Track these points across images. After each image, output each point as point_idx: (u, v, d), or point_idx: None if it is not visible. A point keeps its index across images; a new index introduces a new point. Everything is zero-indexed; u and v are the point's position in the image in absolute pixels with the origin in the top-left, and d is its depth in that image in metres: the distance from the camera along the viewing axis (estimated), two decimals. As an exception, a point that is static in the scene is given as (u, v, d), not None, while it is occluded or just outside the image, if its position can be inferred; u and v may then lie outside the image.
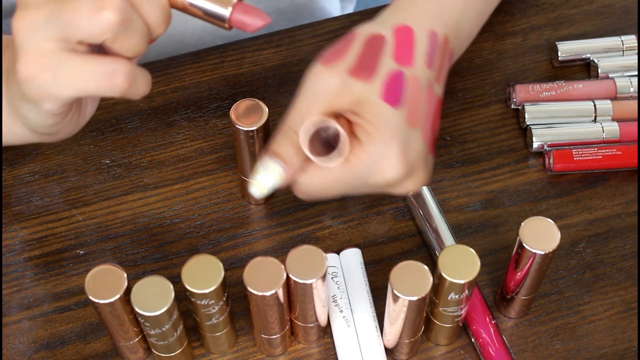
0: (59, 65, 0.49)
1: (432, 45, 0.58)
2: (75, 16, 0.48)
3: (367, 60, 0.56)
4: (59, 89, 0.50)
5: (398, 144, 0.55)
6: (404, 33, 0.57)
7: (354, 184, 0.56)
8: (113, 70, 0.50)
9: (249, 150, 0.61)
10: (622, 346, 0.61)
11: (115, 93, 0.51)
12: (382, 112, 0.54)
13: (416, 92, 0.56)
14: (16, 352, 0.61)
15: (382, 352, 0.60)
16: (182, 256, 0.65)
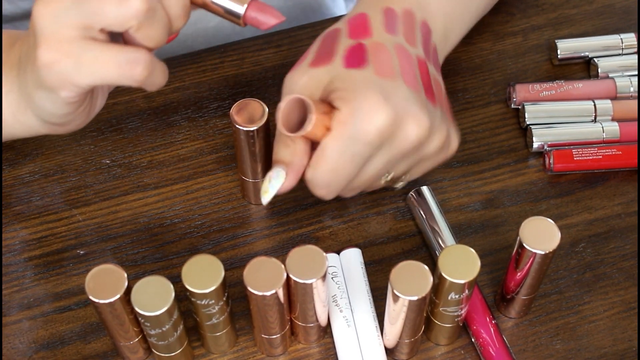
0: (81, 52, 0.50)
1: (389, 17, 0.59)
2: (102, 3, 0.49)
3: (325, 49, 0.57)
4: (79, 76, 0.51)
5: (374, 91, 0.54)
6: (357, 19, 0.59)
7: (354, 149, 0.55)
8: (134, 59, 0.51)
9: (250, 150, 0.61)
10: (622, 346, 0.61)
11: (134, 82, 0.52)
12: (349, 76, 0.55)
13: (381, 52, 0.57)
14: (16, 352, 0.61)
15: (382, 352, 0.60)
16: (182, 256, 0.65)
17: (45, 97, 0.53)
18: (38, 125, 0.57)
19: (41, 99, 0.54)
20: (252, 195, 0.66)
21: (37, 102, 0.54)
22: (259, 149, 0.61)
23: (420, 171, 0.61)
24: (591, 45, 0.73)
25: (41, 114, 0.55)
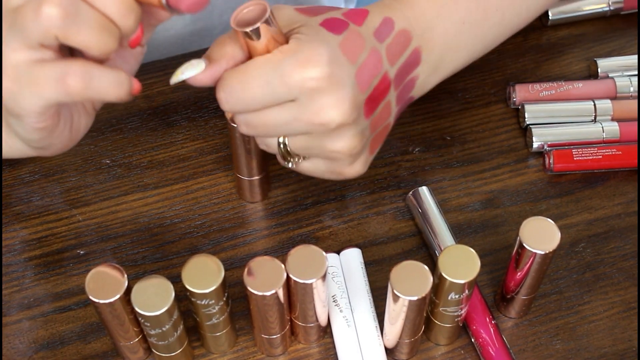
0: (23, 76, 0.49)
1: (385, 26, 0.57)
2: (23, 19, 0.47)
3: (318, 9, 0.56)
4: (27, 101, 0.49)
5: (325, 50, 0.52)
6: (357, 10, 0.57)
7: (274, 81, 0.52)
8: (63, 72, 0.48)
9: (244, 148, 0.61)
10: (622, 346, 0.61)
11: (72, 96, 0.49)
12: (316, 30, 0.53)
13: (357, 39, 0.55)
14: (16, 352, 0.61)
15: (382, 352, 0.60)
16: (182, 256, 0.65)
17: (16, 124, 0.52)
18: (25, 149, 0.56)
19: (14, 125, 0.53)
20: (248, 194, 0.66)
21: (13, 127, 0.53)
22: (253, 147, 0.61)
23: (315, 166, 0.58)
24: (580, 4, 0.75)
25: (20, 138, 0.54)
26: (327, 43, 0.53)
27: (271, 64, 0.52)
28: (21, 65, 0.49)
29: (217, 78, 0.54)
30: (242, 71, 0.53)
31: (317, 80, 0.52)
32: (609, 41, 0.75)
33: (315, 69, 0.51)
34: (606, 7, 0.75)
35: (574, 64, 0.74)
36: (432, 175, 0.68)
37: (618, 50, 0.75)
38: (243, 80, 0.53)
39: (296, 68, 0.51)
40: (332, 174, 0.58)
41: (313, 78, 0.51)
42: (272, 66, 0.52)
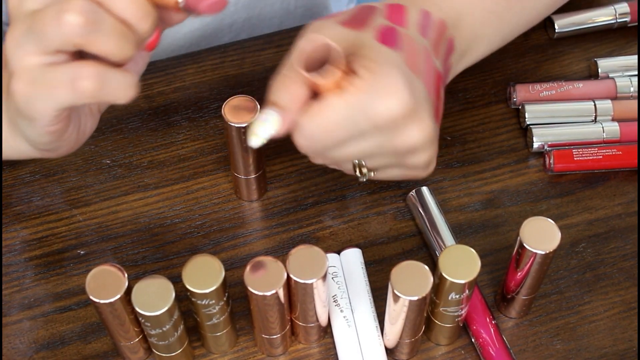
0: (37, 79, 0.49)
1: (425, 19, 0.57)
2: (43, 25, 0.47)
3: (359, 17, 0.55)
4: (41, 104, 0.50)
5: (401, 74, 0.52)
6: (395, 6, 0.57)
7: (357, 119, 0.52)
8: (76, 75, 0.49)
9: (241, 147, 0.61)
10: (622, 346, 0.61)
11: (85, 98, 0.49)
12: (380, 50, 0.53)
13: (412, 46, 0.55)
14: (17, 352, 0.61)
15: (383, 352, 0.60)
16: (182, 256, 0.65)
17: (27, 126, 0.52)
18: (30, 151, 0.56)
19: (24, 127, 0.53)
20: (245, 193, 0.66)
21: (21, 129, 0.53)
22: None
23: (389, 175, 0.59)
24: (587, 17, 0.75)
25: (28, 140, 0.54)
26: (397, 66, 0.52)
27: (351, 104, 0.52)
28: (35, 69, 0.49)
29: (292, 126, 0.53)
30: (321, 116, 0.52)
31: (401, 109, 0.52)
32: (609, 41, 0.75)
33: (397, 100, 0.52)
34: (613, 20, 0.75)
35: (574, 64, 0.74)
36: (433, 175, 0.68)
37: (618, 50, 0.75)
38: (324, 125, 0.53)
39: (379, 103, 0.52)
40: (406, 177, 0.59)
41: (397, 108, 0.52)
42: (353, 106, 0.52)
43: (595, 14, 0.75)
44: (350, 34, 0.54)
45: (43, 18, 0.47)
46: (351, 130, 0.53)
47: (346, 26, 0.54)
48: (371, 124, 0.53)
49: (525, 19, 0.65)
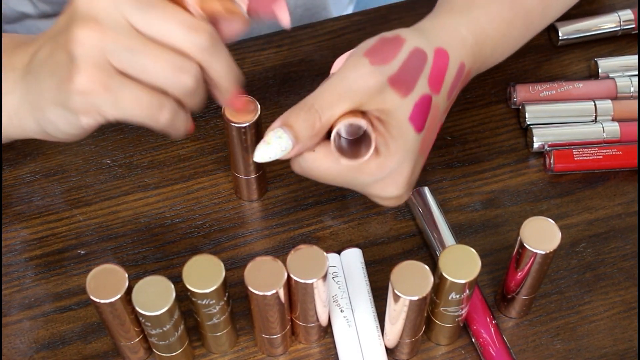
0: (119, 88, 0.50)
1: (458, 78, 0.59)
2: (156, 65, 0.49)
3: (408, 75, 0.56)
4: (111, 111, 0.51)
5: (410, 167, 0.57)
6: (441, 57, 0.58)
7: (352, 183, 0.57)
8: (162, 104, 0.51)
9: (242, 146, 0.61)
10: (622, 346, 0.61)
11: (157, 125, 0.52)
12: (406, 133, 0.56)
13: (434, 120, 0.58)
14: (17, 352, 0.61)
15: (383, 352, 0.60)
16: (183, 256, 0.65)
17: (62, 116, 0.53)
18: (35, 133, 0.56)
19: (56, 117, 0.53)
20: (245, 193, 0.66)
21: (49, 117, 0.53)
22: (250, 145, 0.61)
23: None
24: (590, 24, 0.74)
25: (47, 126, 0.54)
26: (411, 159, 0.57)
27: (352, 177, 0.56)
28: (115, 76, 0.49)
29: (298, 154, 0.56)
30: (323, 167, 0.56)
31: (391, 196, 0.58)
32: (610, 41, 0.75)
33: (394, 190, 0.57)
34: (617, 27, 0.74)
35: (574, 64, 0.74)
36: (433, 175, 0.68)
37: (619, 50, 0.75)
38: (321, 174, 0.57)
39: (377, 188, 0.57)
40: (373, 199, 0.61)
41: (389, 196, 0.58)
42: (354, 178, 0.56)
43: (599, 22, 0.74)
44: (392, 97, 0.55)
45: (160, 60, 0.49)
46: (340, 184, 0.58)
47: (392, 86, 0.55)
48: (359, 189, 0.58)
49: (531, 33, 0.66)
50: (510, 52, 0.65)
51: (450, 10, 0.60)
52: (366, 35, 0.75)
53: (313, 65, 0.74)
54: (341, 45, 0.75)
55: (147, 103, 0.50)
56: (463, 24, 0.60)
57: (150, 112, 0.51)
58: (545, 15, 0.65)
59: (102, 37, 0.49)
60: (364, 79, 0.54)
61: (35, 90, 0.53)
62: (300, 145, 0.55)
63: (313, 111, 0.54)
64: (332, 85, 0.55)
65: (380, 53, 0.55)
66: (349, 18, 0.77)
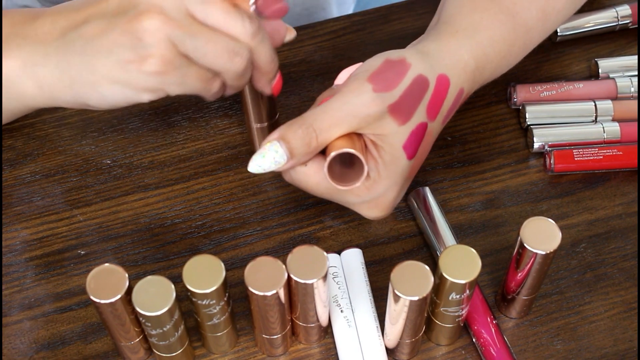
0: (186, 68, 0.54)
1: (455, 104, 0.61)
2: (216, 51, 0.54)
3: (408, 103, 0.57)
4: (177, 88, 0.55)
5: (396, 191, 0.59)
6: (442, 84, 0.59)
7: (339, 200, 0.59)
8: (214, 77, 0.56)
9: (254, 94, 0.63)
10: (622, 346, 0.61)
11: (210, 96, 0.57)
12: (398, 160, 0.57)
13: (426, 146, 0.60)
14: (17, 352, 0.61)
15: (383, 352, 0.60)
16: (183, 256, 0.65)
17: (119, 93, 0.55)
18: (68, 103, 0.58)
19: (111, 93, 0.55)
20: (258, 143, 0.67)
21: (103, 92, 0.55)
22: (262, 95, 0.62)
23: None
24: (588, 20, 0.74)
25: (92, 99, 0.56)
26: (399, 184, 0.59)
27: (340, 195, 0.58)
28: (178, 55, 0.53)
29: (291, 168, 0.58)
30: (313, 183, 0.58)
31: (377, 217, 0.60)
32: (610, 42, 0.75)
33: (378, 213, 0.60)
34: (615, 22, 0.75)
35: (574, 64, 0.74)
36: (433, 175, 0.68)
37: (619, 50, 0.75)
38: (310, 188, 0.58)
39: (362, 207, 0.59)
40: None
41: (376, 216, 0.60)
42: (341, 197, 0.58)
43: (597, 17, 0.75)
44: (390, 125, 0.56)
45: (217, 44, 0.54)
46: (327, 198, 0.59)
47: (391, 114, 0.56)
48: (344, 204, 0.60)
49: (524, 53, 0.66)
50: (508, 68, 0.65)
51: (455, 32, 0.61)
52: (366, 35, 0.76)
53: (313, 65, 0.74)
54: (341, 45, 0.75)
55: (204, 78, 0.55)
56: (467, 48, 0.60)
57: (204, 84, 0.55)
58: (544, 30, 0.65)
59: (169, 26, 0.53)
60: (366, 106, 0.56)
61: (81, 66, 0.55)
62: (294, 161, 0.56)
63: (311, 130, 0.56)
64: (333, 109, 0.56)
65: (384, 80, 0.56)
66: (349, 18, 0.77)
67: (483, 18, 0.61)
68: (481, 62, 0.61)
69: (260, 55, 0.56)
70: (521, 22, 0.63)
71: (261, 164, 0.56)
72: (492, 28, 0.61)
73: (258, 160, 0.56)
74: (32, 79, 0.56)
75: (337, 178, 0.57)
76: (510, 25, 0.62)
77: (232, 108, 0.72)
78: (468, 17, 0.61)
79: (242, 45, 0.55)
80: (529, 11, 0.63)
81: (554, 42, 0.75)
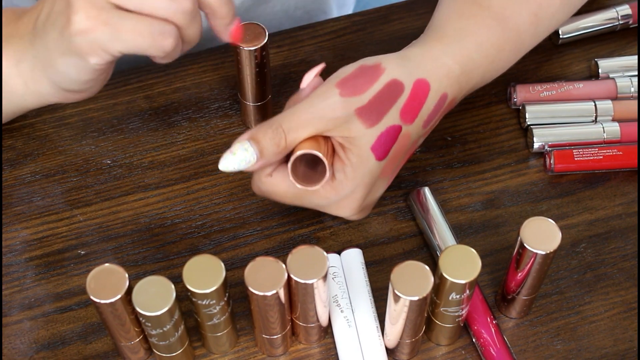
0: (117, 21, 0.51)
1: (437, 108, 0.60)
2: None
3: (378, 107, 0.57)
4: (114, 44, 0.52)
5: (363, 191, 0.59)
6: (421, 88, 0.59)
7: (308, 204, 0.60)
8: (166, 32, 0.53)
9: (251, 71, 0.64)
10: (622, 346, 0.61)
11: (161, 53, 0.54)
12: (366, 161, 0.57)
13: (402, 148, 0.59)
14: (17, 352, 0.61)
15: (383, 352, 0.60)
16: (183, 256, 0.65)
17: (72, 64, 0.54)
18: (52, 94, 0.58)
19: (66, 66, 0.55)
20: (253, 120, 0.69)
21: (60, 68, 0.55)
22: (259, 69, 0.64)
23: None
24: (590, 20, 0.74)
25: (61, 81, 0.56)
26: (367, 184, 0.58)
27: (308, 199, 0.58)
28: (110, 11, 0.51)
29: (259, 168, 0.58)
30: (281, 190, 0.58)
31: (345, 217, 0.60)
32: (610, 42, 0.75)
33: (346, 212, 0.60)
34: (616, 22, 0.74)
35: (574, 64, 0.74)
36: (433, 175, 0.68)
37: (619, 50, 0.75)
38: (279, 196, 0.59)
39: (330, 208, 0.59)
40: None
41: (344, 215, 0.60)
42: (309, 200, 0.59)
43: (598, 18, 0.74)
44: (357, 127, 0.57)
45: None
46: (296, 204, 0.60)
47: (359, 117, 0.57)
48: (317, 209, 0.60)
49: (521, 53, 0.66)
50: (501, 72, 0.65)
51: (440, 39, 0.61)
52: (366, 35, 0.76)
53: (313, 65, 0.74)
54: (341, 46, 0.75)
55: (147, 31, 0.52)
56: (451, 54, 0.60)
57: (152, 40, 0.52)
58: (536, 34, 0.65)
59: None
60: (332, 109, 0.57)
61: (43, 47, 0.55)
62: (263, 161, 0.57)
63: (280, 131, 0.56)
64: (301, 110, 0.57)
65: (353, 85, 0.57)
66: (349, 18, 0.77)
67: (470, 24, 0.62)
68: (467, 67, 0.61)
69: None
70: (512, 26, 0.63)
71: (231, 161, 0.56)
72: (480, 33, 0.62)
73: (229, 158, 0.56)
74: (18, 76, 0.57)
75: (303, 180, 0.57)
76: (500, 30, 0.62)
77: (232, 108, 0.72)
78: (455, 23, 0.62)
79: None
80: (520, 15, 0.63)
81: (556, 44, 0.75)
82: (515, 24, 0.63)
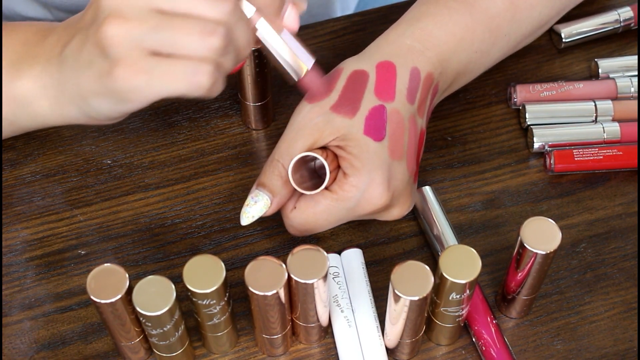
0: (153, 68, 0.51)
1: (414, 81, 0.61)
2: (185, 35, 0.51)
3: (350, 96, 0.59)
4: (153, 91, 0.52)
5: (382, 174, 0.58)
6: (385, 69, 0.60)
7: (344, 215, 0.59)
8: (197, 71, 0.52)
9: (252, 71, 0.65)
10: (623, 346, 0.61)
11: (200, 92, 0.53)
12: (365, 146, 0.58)
13: (398, 125, 0.59)
14: (17, 352, 0.61)
15: (384, 352, 0.60)
16: (183, 256, 0.65)
17: (107, 104, 0.54)
18: (79, 119, 0.58)
19: (99, 104, 0.55)
20: (253, 120, 0.70)
21: (93, 105, 0.55)
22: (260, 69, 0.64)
23: None
24: (591, 23, 0.74)
25: (91, 112, 0.56)
26: (379, 165, 0.58)
27: (339, 206, 0.59)
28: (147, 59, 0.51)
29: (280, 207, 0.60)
30: (312, 214, 0.59)
31: (382, 204, 0.59)
32: (610, 42, 0.75)
33: (379, 201, 0.58)
34: (618, 25, 0.74)
35: (574, 64, 0.74)
36: (433, 175, 0.68)
37: (619, 50, 0.75)
38: (314, 221, 0.59)
39: (364, 205, 0.59)
40: None
41: (379, 203, 0.59)
42: (341, 209, 0.59)
43: (600, 20, 0.74)
44: (339, 121, 0.58)
45: (188, 29, 0.51)
46: (337, 222, 0.60)
47: (336, 112, 0.59)
48: (357, 217, 0.60)
49: (510, 48, 0.67)
50: (490, 56, 0.66)
51: (397, 25, 0.63)
52: (366, 35, 0.76)
53: (313, 65, 0.74)
54: (341, 45, 0.75)
55: (180, 73, 0.52)
56: (409, 35, 0.62)
57: (186, 80, 0.52)
58: (514, 20, 0.65)
59: (129, 28, 0.51)
60: (308, 118, 0.59)
61: (74, 81, 0.55)
62: (278, 198, 0.59)
63: (275, 162, 0.59)
64: (284, 135, 0.59)
65: (319, 92, 0.60)
66: (349, 18, 0.77)
67: (430, 8, 0.63)
68: (428, 42, 0.62)
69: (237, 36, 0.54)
70: (480, 9, 0.63)
71: (250, 213, 0.59)
72: (440, 14, 0.63)
73: (247, 211, 0.59)
74: (43, 98, 0.57)
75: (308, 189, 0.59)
76: (465, 11, 0.63)
77: (232, 108, 0.72)
78: (414, 9, 0.64)
79: (214, 22, 0.52)
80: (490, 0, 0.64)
81: (559, 49, 0.75)
82: (484, 7, 0.64)
